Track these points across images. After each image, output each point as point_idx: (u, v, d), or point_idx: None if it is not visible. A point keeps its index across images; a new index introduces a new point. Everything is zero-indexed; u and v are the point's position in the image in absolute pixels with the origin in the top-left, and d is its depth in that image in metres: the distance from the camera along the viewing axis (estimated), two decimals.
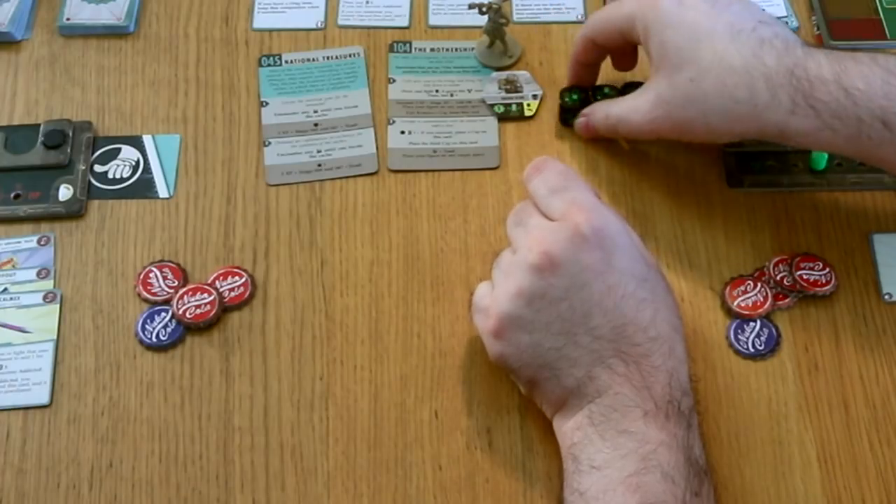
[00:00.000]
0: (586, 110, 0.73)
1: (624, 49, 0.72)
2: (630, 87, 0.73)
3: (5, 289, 0.68)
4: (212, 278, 0.69)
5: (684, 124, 0.66)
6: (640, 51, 0.71)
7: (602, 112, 0.71)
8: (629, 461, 0.54)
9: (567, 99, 0.74)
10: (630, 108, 0.68)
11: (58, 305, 0.68)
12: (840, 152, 0.64)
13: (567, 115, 0.74)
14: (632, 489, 0.53)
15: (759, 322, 0.67)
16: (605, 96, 0.74)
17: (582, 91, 0.74)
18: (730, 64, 0.63)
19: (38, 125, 0.75)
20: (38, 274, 0.69)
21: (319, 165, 0.74)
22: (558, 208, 0.59)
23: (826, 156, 0.72)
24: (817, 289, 0.67)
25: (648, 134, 0.68)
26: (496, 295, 0.59)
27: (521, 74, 0.78)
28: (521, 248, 0.59)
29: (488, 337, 0.60)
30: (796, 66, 0.62)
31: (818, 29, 0.80)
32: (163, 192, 0.73)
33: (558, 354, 0.58)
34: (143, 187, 0.73)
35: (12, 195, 0.72)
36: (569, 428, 0.58)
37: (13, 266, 0.69)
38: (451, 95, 0.77)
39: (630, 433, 0.55)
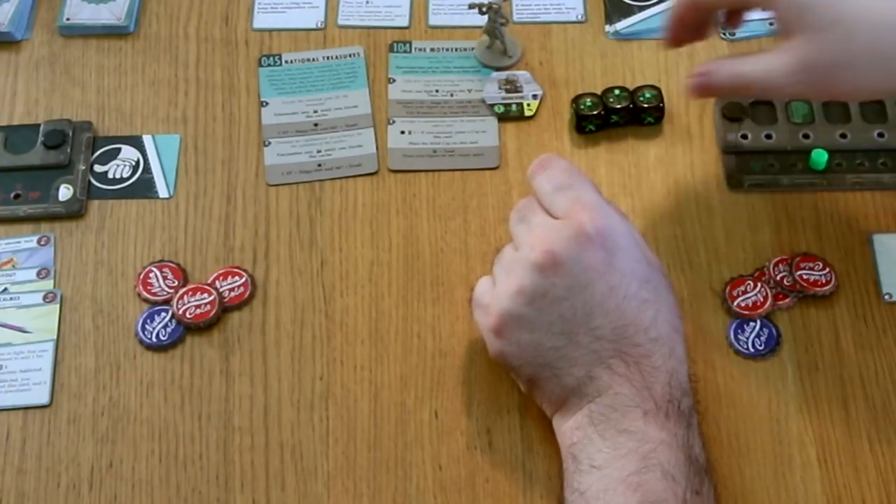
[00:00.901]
0: (704, 69, 0.65)
1: (732, 11, 0.68)
2: (642, 89, 0.74)
3: (5, 289, 0.68)
4: (212, 278, 0.69)
5: (830, 86, 0.62)
6: None
7: (729, 71, 0.64)
8: (629, 460, 0.54)
9: (582, 106, 0.74)
10: (767, 70, 0.63)
11: (58, 305, 0.68)
12: None
13: (583, 123, 0.74)
14: (632, 488, 0.53)
15: (759, 322, 0.67)
16: (618, 98, 0.74)
17: (595, 97, 0.74)
18: (880, 21, 0.59)
19: (38, 125, 0.75)
20: (38, 274, 0.69)
21: (319, 165, 0.74)
22: (562, 206, 0.59)
23: (826, 155, 0.72)
24: (817, 289, 0.67)
25: (786, 96, 0.64)
26: (497, 292, 0.59)
27: (521, 74, 0.78)
28: (524, 245, 0.58)
29: (489, 334, 0.60)
30: None
31: None
32: (163, 192, 0.73)
33: (559, 354, 0.58)
34: (143, 187, 0.73)
35: (12, 195, 0.72)
36: (568, 427, 0.58)
37: (13, 266, 0.69)
38: (451, 95, 0.77)
39: (630, 433, 0.55)
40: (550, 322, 0.57)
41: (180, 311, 0.67)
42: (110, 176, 0.73)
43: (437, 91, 0.77)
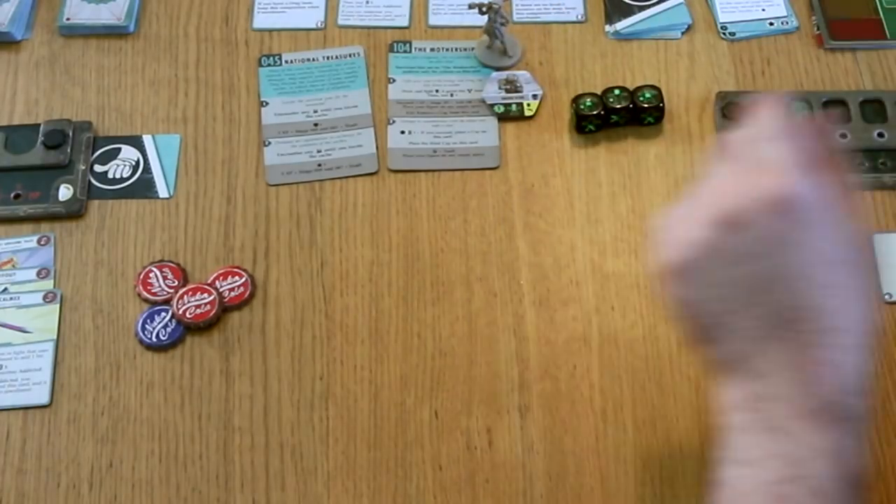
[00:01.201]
0: None
1: None
2: (642, 89, 0.74)
3: (5, 289, 0.68)
4: (212, 278, 0.69)
5: None
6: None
7: None
8: (777, 464, 0.48)
9: (582, 106, 0.74)
10: None
11: (58, 305, 0.68)
12: None
13: (583, 123, 0.74)
14: (776, 499, 0.47)
15: None
16: (618, 98, 0.74)
17: (595, 96, 0.74)
18: None
19: (38, 125, 0.75)
20: (38, 274, 0.69)
21: (319, 165, 0.74)
22: (762, 162, 0.51)
23: None
24: None
25: None
26: (672, 237, 0.52)
27: (521, 74, 0.78)
28: (714, 192, 0.52)
29: (657, 275, 0.53)
30: None
31: (818, 29, 0.80)
32: (163, 192, 0.73)
33: (718, 320, 0.51)
34: (143, 187, 0.73)
35: (12, 195, 0.72)
36: (722, 404, 0.51)
37: (13, 266, 0.69)
38: (451, 95, 0.77)
39: (782, 432, 0.48)
40: (716, 283, 0.50)
41: (180, 311, 0.67)
42: (110, 176, 0.73)
43: (437, 91, 0.77)
